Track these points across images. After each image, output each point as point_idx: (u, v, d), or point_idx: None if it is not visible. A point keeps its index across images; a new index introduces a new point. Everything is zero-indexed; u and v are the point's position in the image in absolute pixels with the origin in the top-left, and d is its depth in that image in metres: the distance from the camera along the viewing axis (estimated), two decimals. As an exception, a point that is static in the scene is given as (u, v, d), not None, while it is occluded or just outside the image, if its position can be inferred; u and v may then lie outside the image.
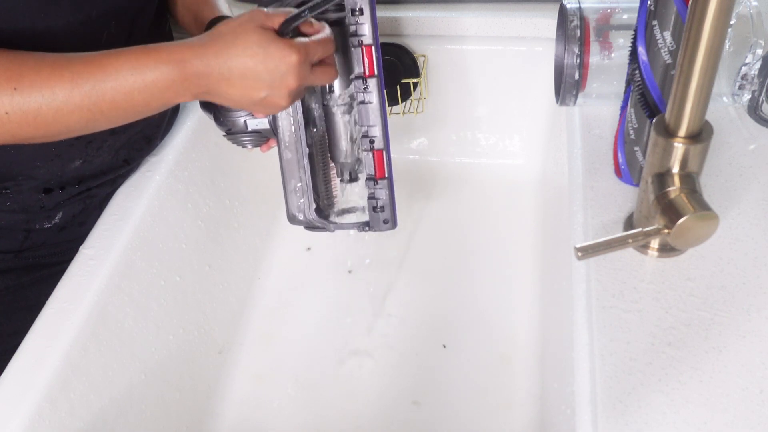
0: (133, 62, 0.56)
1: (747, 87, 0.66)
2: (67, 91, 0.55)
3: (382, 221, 0.73)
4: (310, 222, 0.73)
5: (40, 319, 0.64)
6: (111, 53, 0.56)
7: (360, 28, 0.65)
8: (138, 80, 0.55)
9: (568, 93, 0.72)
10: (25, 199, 0.70)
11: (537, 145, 1.03)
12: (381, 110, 0.68)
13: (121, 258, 0.70)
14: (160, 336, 0.76)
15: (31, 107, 0.54)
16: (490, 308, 0.89)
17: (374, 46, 0.66)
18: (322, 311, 0.92)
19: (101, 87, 0.55)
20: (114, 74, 0.55)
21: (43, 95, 0.54)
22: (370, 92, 0.68)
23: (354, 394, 0.83)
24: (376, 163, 0.70)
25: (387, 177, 0.71)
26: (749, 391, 0.49)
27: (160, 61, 0.56)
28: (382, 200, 0.72)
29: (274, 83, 0.57)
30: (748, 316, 0.54)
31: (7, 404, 0.58)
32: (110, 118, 0.58)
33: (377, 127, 0.69)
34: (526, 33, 0.94)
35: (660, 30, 0.57)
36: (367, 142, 0.70)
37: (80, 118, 0.56)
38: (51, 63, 0.55)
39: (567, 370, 0.59)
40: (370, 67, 0.67)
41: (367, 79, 0.67)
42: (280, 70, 0.57)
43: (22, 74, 0.54)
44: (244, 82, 0.57)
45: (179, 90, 0.57)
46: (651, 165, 0.55)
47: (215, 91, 0.58)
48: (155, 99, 0.57)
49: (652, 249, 0.59)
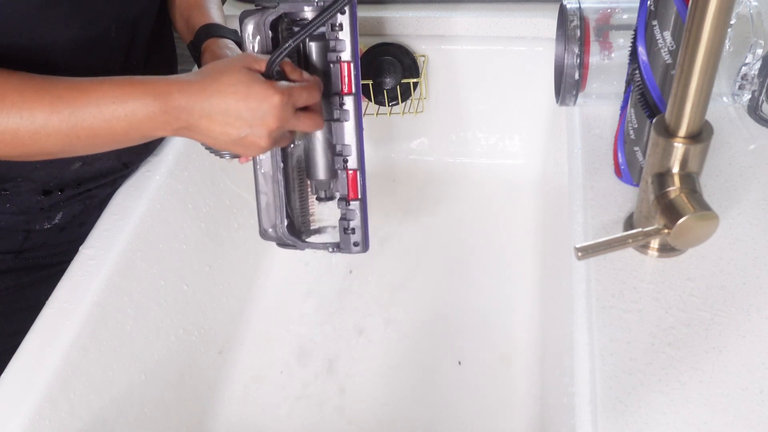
0: (116, 91, 0.56)
1: (747, 87, 0.66)
2: (46, 114, 0.54)
3: (353, 243, 0.71)
4: (281, 239, 0.72)
5: (40, 319, 0.64)
6: (95, 80, 0.57)
7: (339, 44, 0.64)
8: (119, 109, 0.55)
9: (568, 93, 0.72)
10: (24, 200, 0.70)
11: (537, 145, 1.03)
12: (357, 129, 0.66)
13: (121, 258, 0.70)
14: (160, 336, 0.76)
15: (9, 127, 0.54)
16: (490, 308, 0.89)
17: (353, 63, 0.64)
18: (322, 311, 0.92)
19: (81, 113, 0.55)
20: (95, 101, 0.55)
21: (22, 117, 0.54)
22: (347, 110, 0.66)
23: (354, 394, 0.83)
24: (350, 184, 0.68)
25: (360, 198, 0.69)
26: (749, 391, 0.49)
27: (142, 93, 0.56)
28: (354, 222, 0.70)
29: (254, 122, 0.57)
30: (748, 316, 0.54)
31: (7, 404, 0.58)
32: (87, 145, 0.58)
33: (352, 146, 0.67)
34: (526, 33, 0.94)
35: (660, 30, 0.57)
36: (341, 161, 0.68)
37: (57, 141, 0.56)
38: (35, 85, 0.55)
39: (567, 370, 0.59)
40: (348, 85, 0.65)
41: (344, 96, 0.65)
42: (261, 109, 0.57)
43: (3, 93, 0.54)
44: (225, 119, 0.57)
45: (159, 123, 0.57)
46: (651, 165, 0.55)
47: (195, 127, 0.58)
48: (134, 130, 0.57)
49: (652, 249, 0.59)
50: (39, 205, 0.71)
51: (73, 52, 0.61)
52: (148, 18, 0.71)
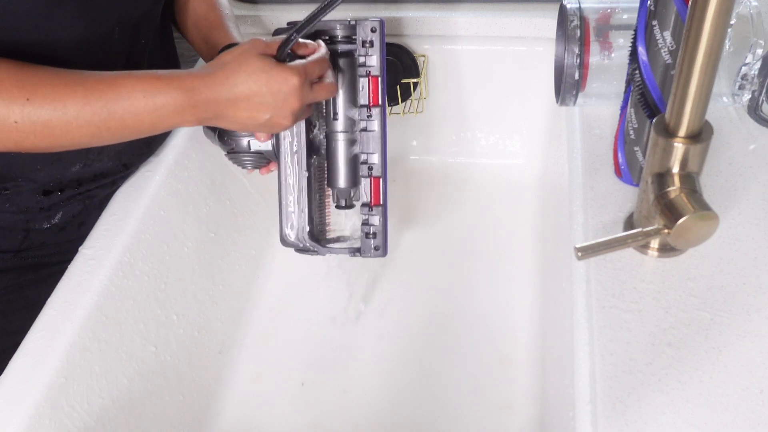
0: (145, 86, 0.58)
1: (747, 87, 0.66)
2: (79, 106, 0.56)
3: (373, 248, 0.74)
4: (303, 244, 0.75)
5: (41, 319, 0.64)
6: (123, 74, 0.58)
7: (369, 59, 0.69)
8: (149, 103, 0.58)
9: (568, 93, 0.72)
10: (24, 200, 0.70)
11: (537, 145, 1.03)
12: (382, 139, 0.71)
13: (121, 258, 0.70)
14: (160, 336, 0.76)
15: (41, 119, 0.55)
16: (490, 308, 0.89)
17: (380, 78, 0.70)
18: (322, 311, 0.92)
19: (113, 106, 0.57)
20: (126, 95, 0.57)
21: (55, 108, 0.55)
22: (373, 121, 0.70)
23: (354, 394, 0.83)
24: (373, 190, 0.72)
25: (382, 204, 0.73)
26: (749, 391, 0.49)
27: (170, 87, 0.58)
28: (375, 227, 0.73)
29: (278, 104, 0.61)
30: (748, 316, 0.54)
31: (7, 404, 0.58)
32: (116, 136, 0.60)
33: (377, 154, 0.71)
34: (526, 33, 0.95)
35: (660, 30, 0.57)
36: (365, 169, 0.72)
37: (87, 133, 0.57)
38: (65, 78, 0.56)
39: (567, 370, 0.59)
40: (374, 98, 0.70)
41: (371, 108, 0.70)
42: (283, 91, 0.60)
43: (36, 85, 0.55)
44: (250, 104, 0.60)
45: (187, 115, 0.60)
46: (651, 165, 0.55)
47: (223, 115, 0.61)
48: (163, 122, 0.59)
49: (652, 249, 0.59)
50: (39, 205, 0.71)
51: (77, 51, 0.62)
52: (150, 20, 0.72)
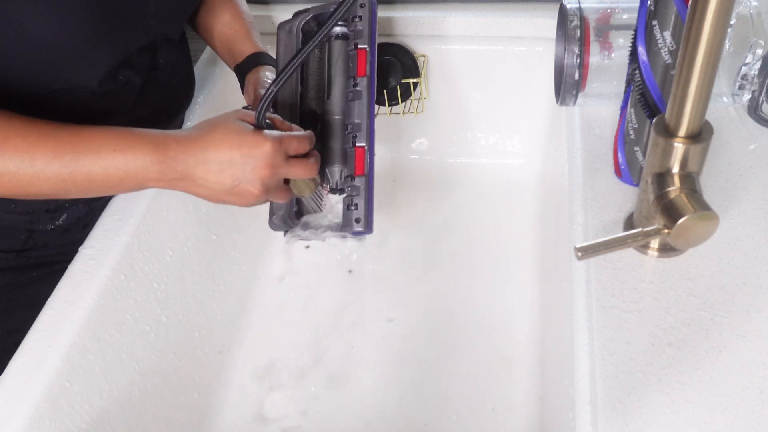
0: (117, 140, 0.58)
1: (747, 87, 0.66)
2: (47, 159, 0.56)
3: (354, 219, 0.71)
4: (288, 226, 0.73)
5: (41, 319, 0.64)
6: (96, 129, 0.58)
7: (357, 33, 0.70)
8: (118, 158, 0.57)
9: (568, 93, 0.72)
10: (30, 201, 0.70)
11: (537, 145, 1.03)
12: (368, 109, 0.70)
13: (121, 258, 0.70)
14: (160, 336, 0.76)
15: (8, 170, 0.55)
16: (490, 308, 0.89)
17: (369, 49, 0.70)
18: (322, 311, 0.92)
19: (81, 160, 0.57)
20: (96, 148, 0.57)
21: (23, 161, 0.55)
22: (359, 90, 0.70)
23: (354, 394, 0.83)
24: (357, 160, 0.70)
25: (366, 175, 0.71)
26: (749, 391, 0.49)
27: (142, 143, 0.58)
28: (357, 197, 0.71)
29: (247, 168, 0.59)
30: (748, 316, 0.54)
31: (7, 404, 0.58)
32: (81, 191, 0.59)
33: (362, 123, 0.70)
34: (526, 33, 0.94)
35: (660, 30, 0.57)
36: (350, 138, 0.71)
37: (53, 186, 0.57)
38: (38, 129, 0.56)
39: (567, 371, 0.59)
40: (361, 68, 0.70)
41: (357, 78, 0.70)
42: (253, 155, 0.59)
43: (6, 138, 0.55)
44: (219, 167, 0.59)
45: (155, 173, 0.59)
46: (651, 165, 0.55)
47: (190, 177, 0.60)
48: (130, 179, 0.59)
49: (652, 249, 0.59)
50: (44, 207, 0.71)
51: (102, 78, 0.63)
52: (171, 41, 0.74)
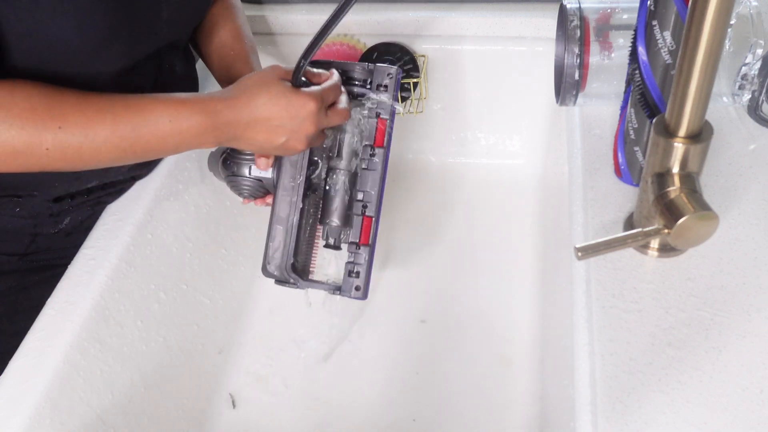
0: (170, 110, 0.59)
1: (747, 87, 0.66)
2: (108, 132, 0.57)
3: (354, 287, 0.73)
4: (283, 275, 0.73)
5: (41, 319, 0.64)
6: (149, 99, 0.59)
7: (380, 101, 0.70)
8: (174, 127, 0.59)
9: (568, 93, 0.72)
10: (35, 206, 0.70)
11: (537, 145, 1.03)
12: (381, 180, 0.71)
13: (121, 258, 0.70)
14: (160, 336, 0.76)
15: (72, 145, 0.56)
16: (491, 308, 0.89)
17: (389, 121, 0.71)
18: (322, 312, 0.92)
19: (140, 131, 0.58)
20: (153, 120, 0.59)
21: (86, 135, 0.56)
22: (376, 161, 0.71)
23: (354, 394, 0.83)
24: (363, 229, 0.72)
25: (370, 244, 0.72)
26: (749, 391, 0.49)
27: (195, 111, 0.60)
28: (360, 266, 0.72)
29: (294, 128, 0.63)
30: (748, 316, 0.54)
31: (7, 404, 0.58)
32: (139, 157, 0.61)
33: (373, 193, 0.72)
34: (526, 33, 0.94)
35: (660, 30, 0.57)
36: (360, 207, 0.72)
37: (114, 156, 0.59)
38: (95, 103, 0.57)
39: (567, 370, 0.59)
40: (380, 139, 0.71)
41: (375, 148, 0.71)
42: (300, 116, 0.62)
43: (65, 114, 0.56)
44: (268, 127, 0.62)
45: (208, 137, 0.61)
46: (651, 165, 0.55)
47: (241, 137, 0.63)
48: (184, 144, 0.61)
49: (652, 249, 0.59)
50: (49, 211, 0.72)
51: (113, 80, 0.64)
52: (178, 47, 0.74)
